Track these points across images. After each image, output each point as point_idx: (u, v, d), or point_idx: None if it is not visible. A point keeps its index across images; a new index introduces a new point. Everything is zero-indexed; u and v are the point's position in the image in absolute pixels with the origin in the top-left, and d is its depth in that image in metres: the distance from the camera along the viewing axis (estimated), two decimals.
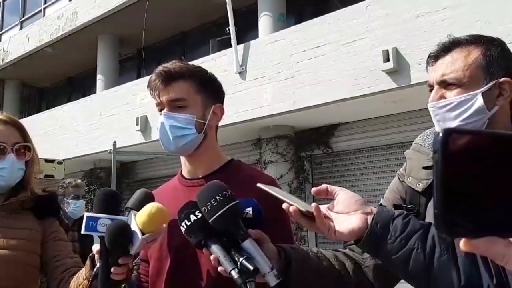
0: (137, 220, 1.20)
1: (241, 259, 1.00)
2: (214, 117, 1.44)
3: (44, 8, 15.05)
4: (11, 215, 1.60)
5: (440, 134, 0.44)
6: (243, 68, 8.48)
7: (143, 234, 1.18)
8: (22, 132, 1.65)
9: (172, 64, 1.41)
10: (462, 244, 0.47)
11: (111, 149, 8.38)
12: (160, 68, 1.40)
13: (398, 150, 7.83)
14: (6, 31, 16.64)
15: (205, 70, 1.47)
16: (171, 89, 1.38)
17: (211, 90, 1.45)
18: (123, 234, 1.18)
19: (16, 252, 1.52)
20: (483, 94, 1.11)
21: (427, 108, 1.19)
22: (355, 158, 8.63)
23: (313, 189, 1.00)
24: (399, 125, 7.89)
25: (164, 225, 1.23)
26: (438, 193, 0.44)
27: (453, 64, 1.14)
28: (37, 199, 1.66)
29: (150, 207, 1.20)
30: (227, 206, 1.03)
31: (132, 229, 1.19)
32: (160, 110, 1.41)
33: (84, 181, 11.90)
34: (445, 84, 1.15)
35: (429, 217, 1.15)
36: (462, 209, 0.44)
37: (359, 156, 8.58)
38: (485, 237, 0.45)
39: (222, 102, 1.49)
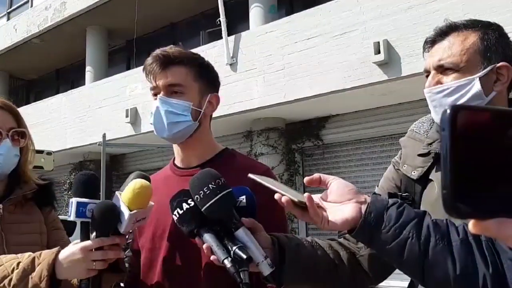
0: (122, 198, 1.17)
1: (234, 248, 0.98)
2: (209, 106, 1.41)
3: None
4: (22, 208, 1.56)
5: (448, 111, 0.43)
6: (234, 60, 8.45)
7: (130, 211, 1.16)
8: (17, 118, 1.59)
9: (171, 49, 1.36)
10: (471, 225, 0.45)
11: (100, 141, 8.32)
12: (157, 51, 1.35)
13: (389, 142, 7.89)
14: None
15: (203, 58, 1.44)
16: (169, 73, 1.33)
17: (209, 79, 1.42)
18: (111, 210, 1.16)
19: (32, 247, 1.44)
20: (480, 79, 1.09)
21: (417, 100, 1.18)
22: (345, 150, 8.67)
23: (306, 179, 0.98)
24: (389, 117, 7.93)
25: (151, 203, 1.21)
26: (446, 172, 0.42)
27: (450, 49, 1.12)
28: (39, 189, 1.62)
29: (133, 184, 1.18)
30: (220, 195, 1.01)
31: (119, 208, 1.17)
32: (155, 95, 1.36)
33: (73, 174, 11.90)
34: (442, 69, 1.13)
35: (424, 205, 1.14)
36: (471, 188, 0.42)
37: (350, 148, 8.62)
38: (495, 218, 0.43)
39: (217, 91, 1.46)
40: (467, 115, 0.43)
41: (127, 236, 1.32)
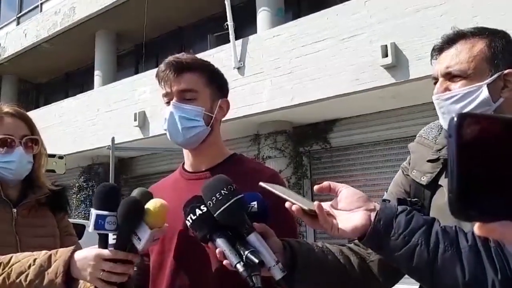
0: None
1: (246, 252, 0.99)
2: (220, 111, 1.43)
3: (41, 4, 14.99)
4: (36, 212, 1.59)
5: (455, 119, 0.45)
6: (241, 64, 8.47)
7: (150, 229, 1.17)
8: (30, 125, 1.62)
9: (183, 55, 1.39)
10: (476, 228, 0.46)
11: (109, 145, 8.38)
12: (170, 58, 1.38)
13: (397, 145, 7.86)
14: (3, 26, 16.56)
15: (213, 64, 1.47)
16: (182, 80, 1.36)
17: (219, 84, 1.45)
18: (135, 205, 1.17)
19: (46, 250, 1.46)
20: (488, 85, 1.10)
21: (425, 103, 1.19)
22: (353, 153, 8.65)
23: (316, 187, 0.99)
24: (397, 120, 7.91)
25: (166, 224, 1.22)
26: (453, 177, 0.44)
27: (458, 56, 1.13)
28: (52, 194, 1.65)
29: (154, 202, 1.19)
30: (232, 200, 1.03)
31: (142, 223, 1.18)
32: (168, 102, 1.39)
33: (82, 177, 11.97)
34: (450, 76, 1.14)
35: (434, 210, 1.15)
36: (477, 192, 0.44)
37: (358, 152, 8.59)
38: (500, 221, 0.45)
39: (227, 97, 1.48)
40: (473, 122, 0.44)
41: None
